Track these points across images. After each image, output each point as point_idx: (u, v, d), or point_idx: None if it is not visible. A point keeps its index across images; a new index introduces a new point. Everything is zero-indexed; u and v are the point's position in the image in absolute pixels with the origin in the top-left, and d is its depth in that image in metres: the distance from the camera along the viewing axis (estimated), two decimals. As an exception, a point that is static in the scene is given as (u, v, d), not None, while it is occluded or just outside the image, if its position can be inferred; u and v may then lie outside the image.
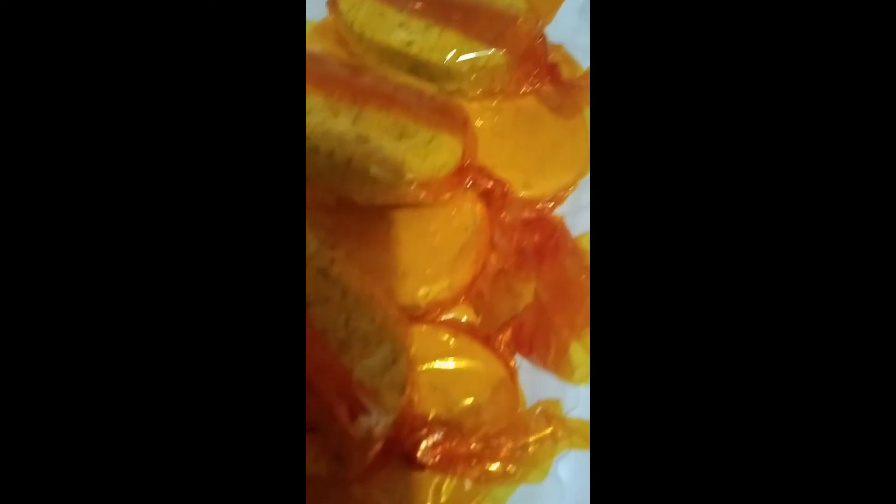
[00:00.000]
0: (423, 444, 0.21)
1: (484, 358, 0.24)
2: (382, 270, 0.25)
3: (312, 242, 0.23)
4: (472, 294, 0.26)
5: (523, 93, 0.29)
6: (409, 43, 0.28)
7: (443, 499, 0.22)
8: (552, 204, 0.29)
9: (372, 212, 0.26)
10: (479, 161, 0.26)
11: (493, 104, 0.29)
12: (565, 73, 0.30)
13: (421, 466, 0.21)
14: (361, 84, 0.25)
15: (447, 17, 0.28)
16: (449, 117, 0.25)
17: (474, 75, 0.28)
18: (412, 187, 0.23)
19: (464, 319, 0.26)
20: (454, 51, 0.27)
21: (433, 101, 0.26)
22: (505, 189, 0.26)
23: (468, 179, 0.25)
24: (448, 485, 0.22)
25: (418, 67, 0.28)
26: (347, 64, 0.26)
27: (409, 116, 0.24)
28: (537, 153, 0.29)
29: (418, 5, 0.29)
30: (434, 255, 0.25)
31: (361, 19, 0.29)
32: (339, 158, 0.22)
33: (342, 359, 0.21)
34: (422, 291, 0.25)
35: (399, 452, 0.21)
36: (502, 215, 0.26)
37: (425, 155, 0.23)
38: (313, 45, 0.32)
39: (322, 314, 0.21)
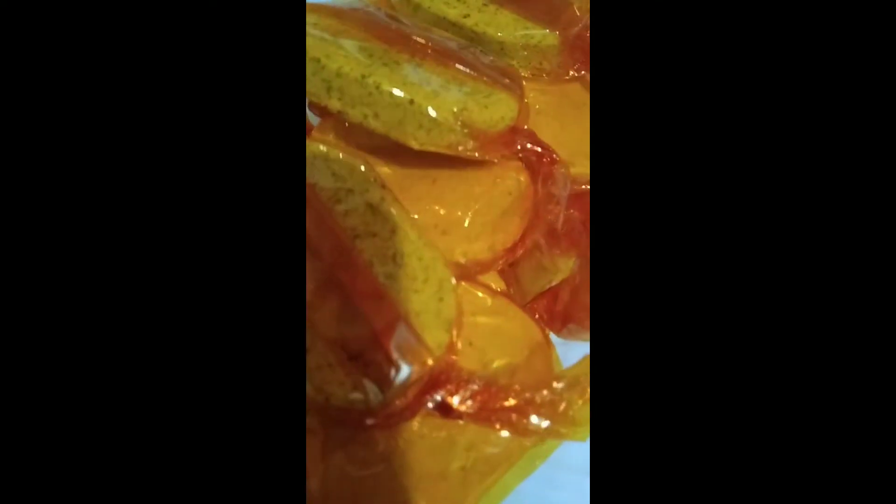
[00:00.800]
0: (461, 392, 0.20)
1: (521, 320, 0.24)
2: (424, 225, 0.24)
3: (366, 177, 0.22)
4: (506, 264, 0.26)
5: (570, 78, 0.30)
6: (466, 16, 0.28)
7: (473, 456, 0.21)
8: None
9: (417, 166, 0.25)
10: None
11: (540, 86, 0.30)
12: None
13: (458, 415, 0.20)
14: (421, 41, 0.26)
15: (502, -3, 0.29)
16: (507, 78, 0.25)
17: (526, 52, 0.28)
18: (470, 135, 0.23)
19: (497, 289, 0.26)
20: (509, 26, 0.28)
21: (491, 63, 0.26)
22: (553, 157, 0.26)
23: (519, 141, 0.25)
24: (483, 438, 0.21)
25: (472, 40, 0.29)
26: (406, 24, 0.27)
27: (469, 72, 0.24)
28: (580, 135, 0.29)
29: (474, -16, 0.29)
30: (476, 216, 0.25)
31: (421, -10, 0.29)
32: (401, 98, 0.22)
33: (390, 291, 0.20)
34: (461, 249, 0.24)
35: (433, 399, 0.20)
36: (546, 186, 0.26)
37: (485, 106, 0.23)
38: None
39: (370, 247, 0.21)
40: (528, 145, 0.26)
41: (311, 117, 0.27)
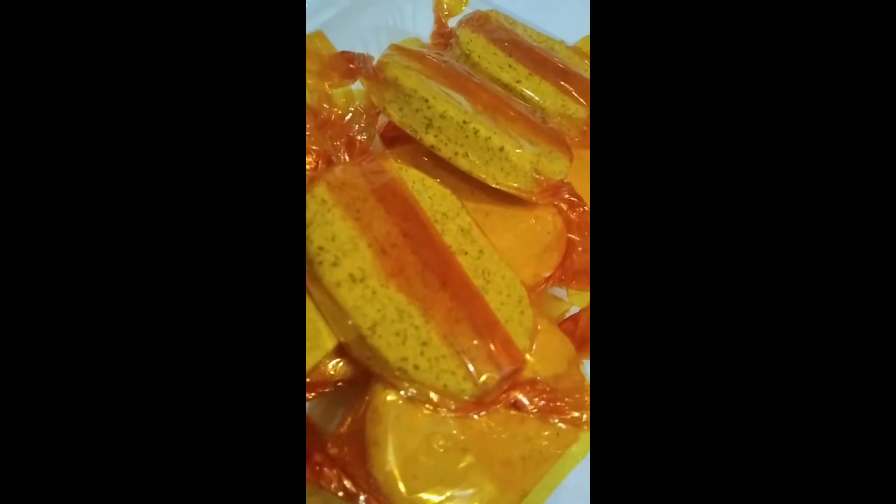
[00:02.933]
0: (533, 392, 0.24)
1: (559, 336, 0.28)
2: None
3: (455, 203, 0.26)
4: (541, 290, 0.31)
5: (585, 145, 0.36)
6: (518, 81, 0.34)
7: (530, 447, 0.25)
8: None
9: (472, 199, 0.30)
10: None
11: (564, 147, 0.36)
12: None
13: (527, 411, 0.24)
14: (491, 94, 0.30)
15: (543, 69, 0.35)
16: (557, 137, 0.31)
17: (560, 119, 0.34)
18: (535, 182, 0.28)
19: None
20: (551, 96, 0.34)
21: (543, 123, 0.31)
22: (584, 208, 0.32)
23: (563, 191, 0.31)
24: (537, 432, 0.25)
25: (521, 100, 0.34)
26: (476, 77, 0.32)
27: (532, 130, 0.30)
28: (594, 193, 0.35)
29: (519, 54, 0.35)
30: (524, 246, 0.30)
31: (479, 52, 0.34)
32: (493, 144, 0.27)
33: (485, 297, 0.24)
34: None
35: (512, 396, 0.24)
36: (575, 229, 0.32)
37: (551, 160, 0.29)
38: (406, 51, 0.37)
39: (465, 262, 0.25)
40: (566, 195, 0.31)
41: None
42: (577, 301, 0.33)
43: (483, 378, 0.22)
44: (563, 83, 0.35)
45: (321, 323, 0.23)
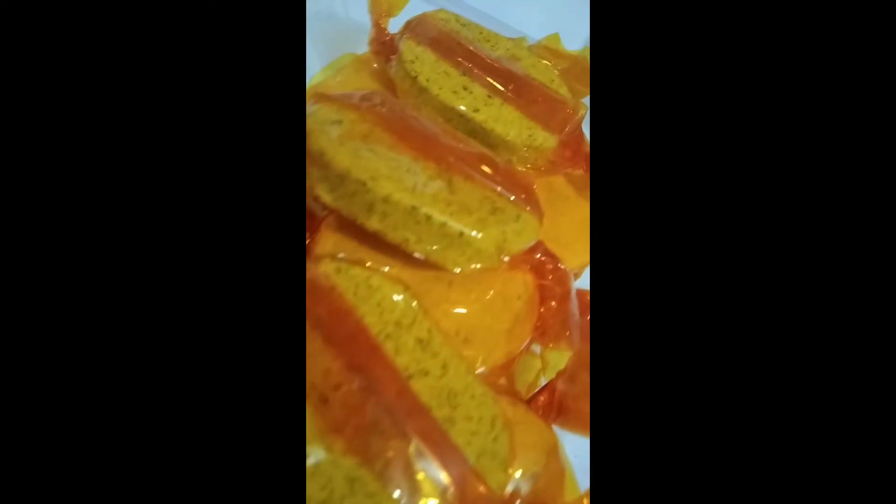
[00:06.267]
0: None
1: (537, 425, 0.26)
2: (447, 333, 0.25)
3: (410, 306, 0.22)
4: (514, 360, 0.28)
5: (556, 173, 0.32)
6: (476, 110, 0.28)
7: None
8: (574, 279, 0.31)
9: (431, 267, 0.25)
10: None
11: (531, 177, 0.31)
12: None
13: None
14: (446, 144, 0.25)
15: (504, 86, 0.30)
16: (525, 191, 0.26)
17: (527, 152, 0.29)
18: (505, 261, 0.24)
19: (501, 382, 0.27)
20: (514, 125, 0.29)
21: (507, 172, 0.26)
22: (557, 265, 0.28)
23: (534, 253, 0.27)
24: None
25: (476, 132, 0.29)
26: (426, 123, 0.26)
27: (494, 191, 0.25)
28: (566, 229, 0.31)
29: (476, 70, 0.29)
30: (494, 320, 0.26)
31: (427, 73, 0.28)
32: (451, 230, 0.22)
33: (451, 435, 0.20)
34: (482, 358, 0.25)
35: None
36: (550, 286, 0.28)
37: (518, 233, 0.24)
38: (351, 78, 0.31)
39: (425, 388, 0.21)
40: (538, 255, 0.27)
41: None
42: (551, 357, 0.30)
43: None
44: (528, 105, 0.30)
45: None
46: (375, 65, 0.32)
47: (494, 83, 0.29)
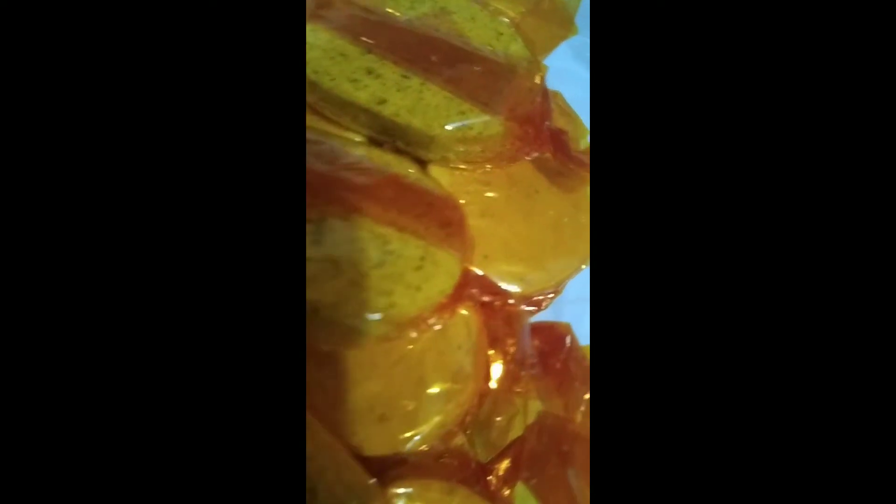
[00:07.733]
0: None
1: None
2: (357, 409, 0.20)
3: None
4: (464, 419, 0.22)
5: (518, 160, 0.24)
6: (382, 101, 0.21)
7: None
8: (552, 295, 0.24)
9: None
10: (474, 260, 0.21)
11: (481, 173, 0.24)
12: (566, 132, 0.25)
13: None
14: (324, 170, 0.19)
15: (426, 58, 0.22)
16: (439, 218, 0.19)
17: (463, 148, 0.22)
18: (401, 328, 0.18)
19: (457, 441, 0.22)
20: (440, 113, 0.21)
21: (416, 193, 0.20)
22: (506, 300, 0.21)
23: (467, 293, 0.20)
24: None
25: (390, 130, 0.22)
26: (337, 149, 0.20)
27: (391, 225, 0.18)
28: (535, 238, 0.24)
29: (384, 44, 0.22)
30: (421, 388, 0.20)
31: (317, 60, 0.21)
32: (313, 305, 0.16)
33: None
34: (406, 436, 0.20)
35: None
36: (501, 326, 0.22)
37: (417, 287, 0.18)
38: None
39: None
40: (475, 292, 0.21)
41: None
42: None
43: None
44: (458, 80, 0.22)
45: None
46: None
47: (411, 58, 0.22)
